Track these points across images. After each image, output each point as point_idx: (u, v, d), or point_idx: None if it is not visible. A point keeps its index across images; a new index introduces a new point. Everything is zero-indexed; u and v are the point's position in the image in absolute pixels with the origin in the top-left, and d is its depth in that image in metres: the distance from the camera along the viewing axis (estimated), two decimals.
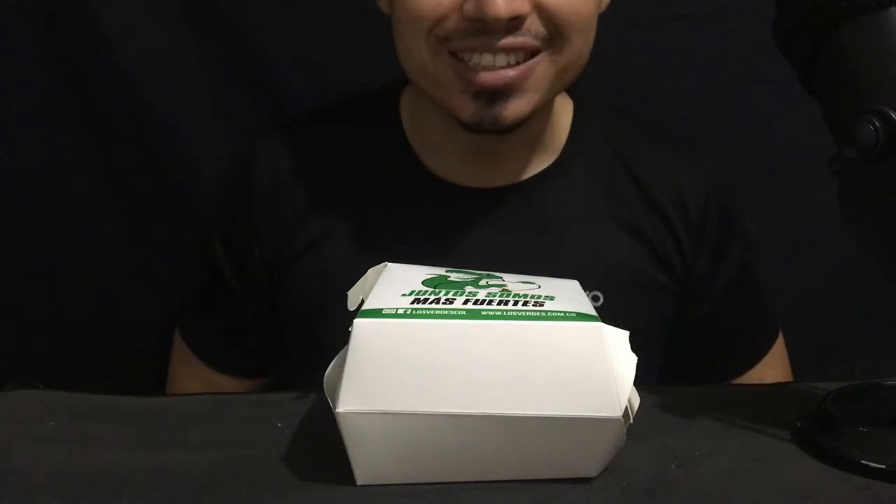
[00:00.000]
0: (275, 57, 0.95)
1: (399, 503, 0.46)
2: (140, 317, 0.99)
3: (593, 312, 0.49)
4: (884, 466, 0.49)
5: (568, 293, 0.54)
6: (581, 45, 0.69)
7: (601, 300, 0.74)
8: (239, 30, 0.94)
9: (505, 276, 0.59)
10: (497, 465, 0.47)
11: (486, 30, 0.64)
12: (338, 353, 0.50)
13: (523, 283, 0.56)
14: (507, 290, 0.53)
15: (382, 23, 0.74)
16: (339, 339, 0.48)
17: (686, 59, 0.95)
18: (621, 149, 0.80)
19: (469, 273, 0.59)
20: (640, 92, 0.96)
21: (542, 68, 0.67)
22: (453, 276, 0.57)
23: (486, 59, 0.66)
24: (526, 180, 0.78)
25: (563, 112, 0.80)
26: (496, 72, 0.66)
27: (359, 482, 0.47)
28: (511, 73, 0.66)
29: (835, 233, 0.54)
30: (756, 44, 0.67)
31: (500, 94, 0.67)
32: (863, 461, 0.50)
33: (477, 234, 0.76)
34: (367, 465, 0.47)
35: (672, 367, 0.81)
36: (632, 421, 0.49)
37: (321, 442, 0.50)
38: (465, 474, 0.48)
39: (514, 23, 0.64)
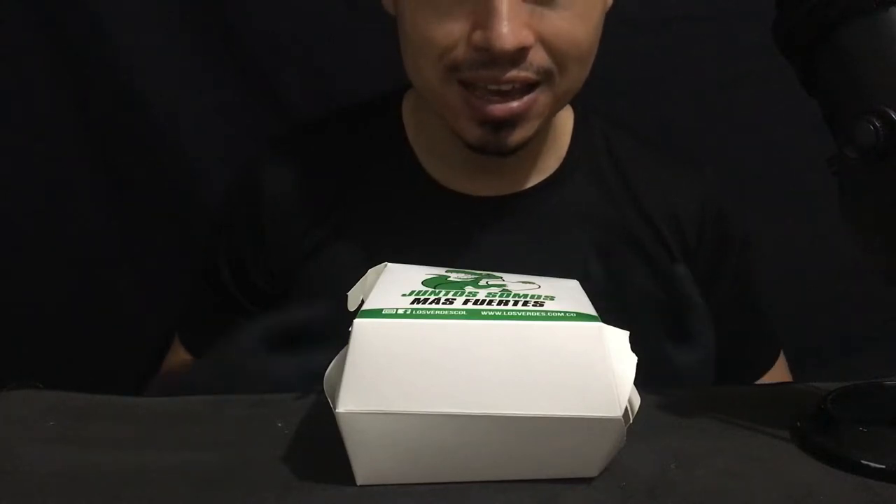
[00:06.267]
0: (276, 59, 0.95)
1: (399, 503, 0.46)
2: (140, 317, 0.99)
3: (593, 312, 0.49)
4: (884, 466, 0.49)
5: (568, 293, 0.54)
6: (580, 72, 0.70)
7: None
8: (241, 32, 0.94)
9: (505, 276, 0.59)
10: (497, 465, 0.47)
11: (493, 61, 0.65)
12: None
13: (523, 283, 0.56)
14: (507, 290, 0.53)
15: (383, 25, 0.74)
16: (342, 345, 0.48)
17: (686, 59, 0.95)
18: (621, 160, 0.81)
19: (469, 273, 0.59)
20: (640, 93, 0.96)
21: (543, 98, 0.69)
22: (453, 277, 0.57)
23: (493, 84, 0.67)
24: (528, 189, 0.78)
25: (565, 121, 0.81)
26: (502, 105, 0.67)
27: (359, 482, 0.47)
28: (515, 104, 0.67)
29: (835, 233, 0.54)
30: (756, 44, 0.67)
31: (505, 123, 0.68)
32: (863, 461, 0.50)
33: (478, 242, 0.77)
34: (367, 465, 0.47)
35: None
36: (632, 421, 0.49)
37: (321, 442, 0.50)
38: (465, 474, 0.48)
39: (519, 54, 0.65)
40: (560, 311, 0.48)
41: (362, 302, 0.50)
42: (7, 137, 0.94)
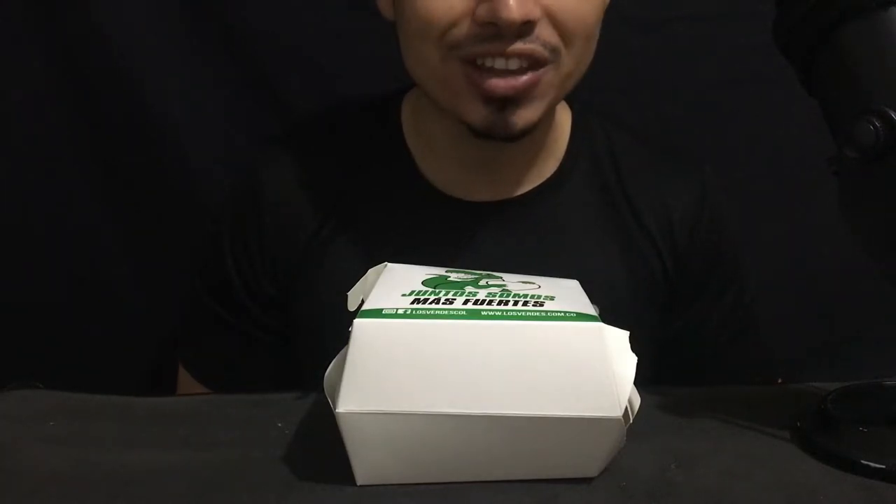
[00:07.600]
0: (276, 59, 0.95)
1: (399, 503, 0.46)
2: (140, 317, 0.99)
3: (593, 312, 0.49)
4: (884, 466, 0.49)
5: (568, 293, 0.54)
6: (585, 51, 0.69)
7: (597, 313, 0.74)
8: (241, 31, 0.94)
9: (505, 276, 0.59)
10: (497, 465, 0.47)
11: (498, 34, 0.64)
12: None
13: (523, 283, 0.56)
14: (507, 290, 0.53)
15: (383, 24, 0.74)
16: (342, 345, 0.48)
17: (686, 59, 0.95)
18: (619, 161, 0.80)
19: (469, 273, 0.59)
20: (640, 93, 0.96)
21: (548, 77, 0.68)
22: (453, 277, 0.57)
23: (499, 62, 0.66)
24: (526, 193, 0.78)
25: (563, 121, 0.80)
26: (507, 79, 0.66)
27: (359, 482, 0.47)
28: (522, 79, 0.66)
29: (835, 232, 0.54)
30: (756, 44, 0.67)
31: (510, 101, 0.67)
32: (863, 461, 0.50)
33: (476, 247, 0.76)
34: (367, 465, 0.47)
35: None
36: (632, 421, 0.49)
37: (321, 442, 0.50)
38: (465, 474, 0.48)
39: (526, 27, 0.64)
40: (560, 311, 0.48)
41: (362, 302, 0.50)
42: (7, 138, 0.94)
